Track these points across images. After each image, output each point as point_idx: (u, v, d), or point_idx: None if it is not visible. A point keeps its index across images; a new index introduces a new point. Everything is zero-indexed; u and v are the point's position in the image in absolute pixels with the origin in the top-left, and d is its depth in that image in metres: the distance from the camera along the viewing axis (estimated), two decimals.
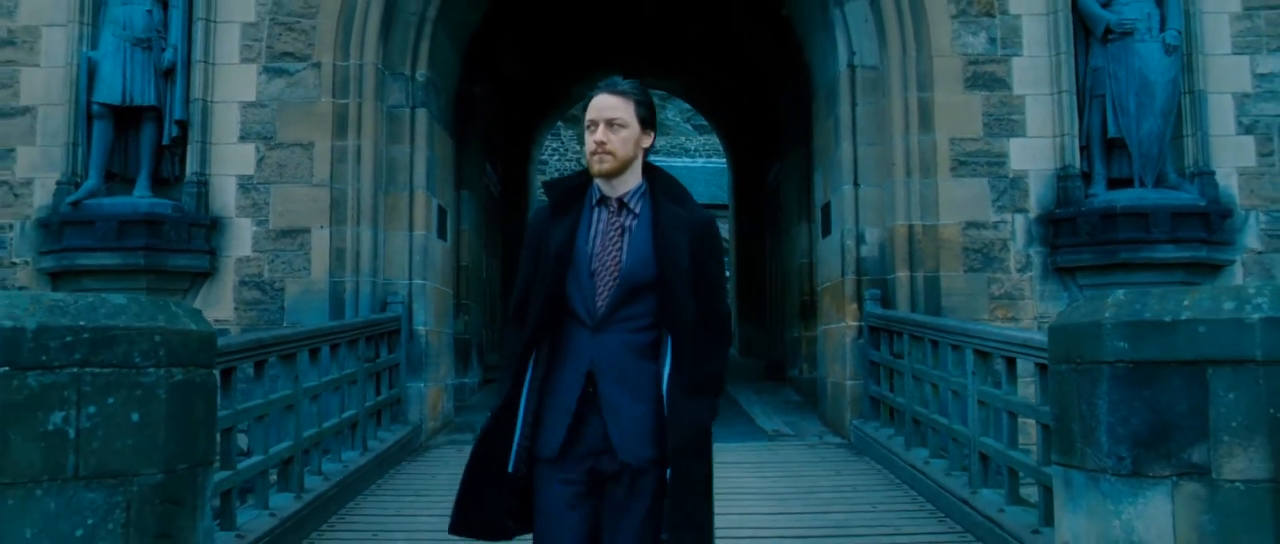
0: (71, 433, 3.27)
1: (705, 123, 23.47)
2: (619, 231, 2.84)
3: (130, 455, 3.38)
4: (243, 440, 5.51)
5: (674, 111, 29.16)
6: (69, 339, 3.28)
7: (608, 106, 2.82)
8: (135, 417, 3.39)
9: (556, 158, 26.78)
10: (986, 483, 5.48)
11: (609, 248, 2.82)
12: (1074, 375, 3.70)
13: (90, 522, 3.28)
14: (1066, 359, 3.78)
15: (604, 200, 2.87)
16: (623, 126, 2.81)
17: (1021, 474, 5.11)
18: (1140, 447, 3.40)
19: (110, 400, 3.35)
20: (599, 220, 2.86)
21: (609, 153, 2.79)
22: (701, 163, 28.36)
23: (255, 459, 5.15)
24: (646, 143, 2.91)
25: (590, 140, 2.82)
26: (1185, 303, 3.37)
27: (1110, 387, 3.49)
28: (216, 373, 4.02)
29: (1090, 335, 3.59)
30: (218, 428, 4.39)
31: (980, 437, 5.53)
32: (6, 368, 3.17)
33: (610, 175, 2.83)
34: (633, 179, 2.88)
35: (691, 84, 16.53)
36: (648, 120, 2.90)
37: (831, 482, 6.67)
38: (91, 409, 3.31)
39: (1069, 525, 3.78)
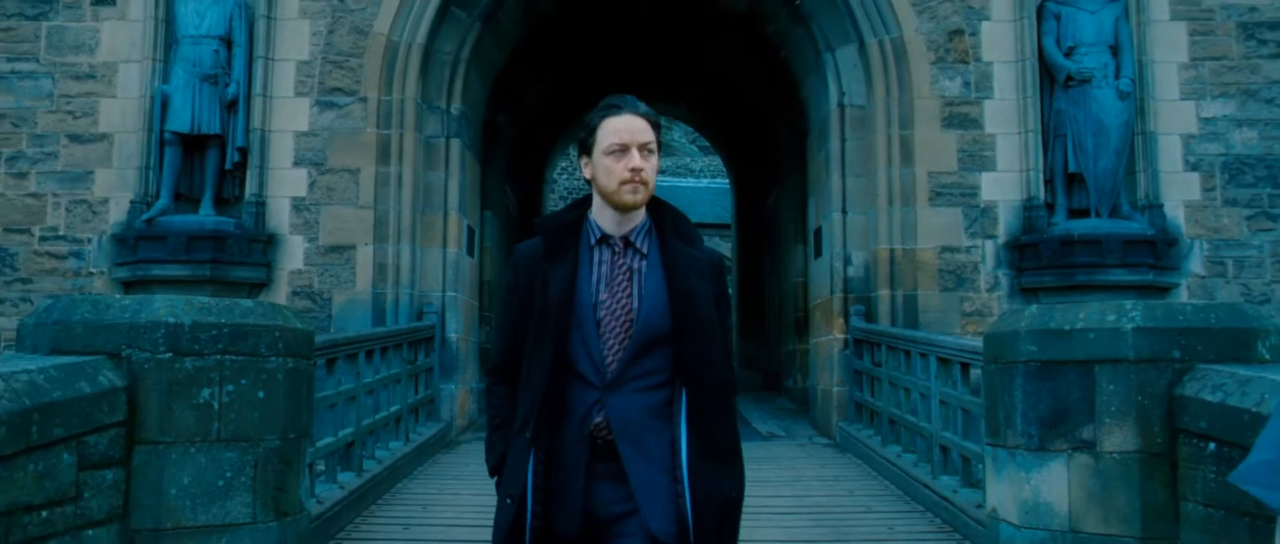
0: (216, 405, 4.23)
1: (708, 144, 24.41)
2: (626, 275, 2.50)
3: (257, 424, 4.34)
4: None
5: (679, 133, 30.20)
6: (214, 333, 4.24)
7: (640, 130, 2.48)
8: (261, 394, 4.35)
9: (565, 177, 27.77)
10: (945, 470, 6.41)
11: (618, 295, 2.48)
12: (999, 372, 4.66)
13: (228, 474, 4.23)
14: (994, 359, 4.74)
15: (606, 240, 2.52)
16: (651, 153, 2.49)
17: (973, 460, 6.05)
18: (1045, 427, 4.36)
19: (243, 381, 4.31)
20: (602, 262, 2.52)
21: (644, 183, 2.46)
22: (706, 183, 29.38)
23: (326, 440, 6.09)
24: None
25: (620, 167, 2.45)
26: (1079, 315, 4.33)
27: (1023, 380, 4.45)
28: (314, 363, 4.99)
29: (1010, 341, 4.55)
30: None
31: (941, 431, 6.48)
32: (170, 354, 4.14)
33: (641, 207, 2.51)
34: (639, 215, 2.54)
35: (697, 111, 17.54)
36: (660, 146, 2.59)
37: (816, 473, 7.60)
38: (230, 387, 4.27)
39: (995, 493, 4.73)
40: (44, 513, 3.52)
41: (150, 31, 9.05)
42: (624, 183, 2.44)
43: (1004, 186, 8.98)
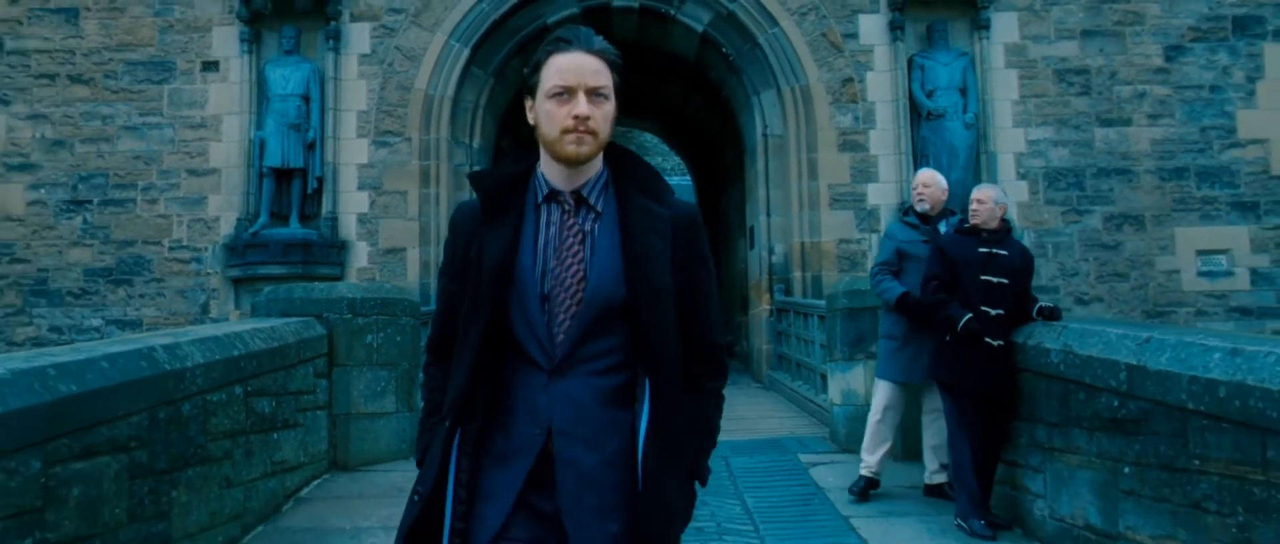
0: (374, 344, 7.33)
1: None
2: (578, 238, 2.12)
3: (396, 355, 7.44)
4: None
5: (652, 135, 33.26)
6: (372, 303, 7.36)
7: (589, 70, 2.08)
8: (398, 338, 7.46)
9: None
10: (823, 391, 9.59)
11: (567, 260, 2.10)
12: (831, 317, 7.85)
13: (381, 384, 7.34)
14: (831, 310, 7.93)
15: (554, 196, 2.15)
16: (605, 99, 2.11)
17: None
18: (852, 346, 7.55)
19: (388, 330, 7.41)
20: (550, 223, 2.14)
21: (591, 133, 2.07)
22: (675, 181, 32.40)
23: None
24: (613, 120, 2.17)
25: (563, 113, 2.07)
26: (857, 285, 7.51)
27: (842, 320, 7.63)
28: (422, 322, 8.10)
29: (836, 298, 7.75)
30: None
31: (820, 365, 9.67)
32: (351, 315, 7.24)
33: (587, 161, 2.11)
34: (593, 166, 2.15)
35: (663, 130, 20.73)
36: (620, 91, 2.16)
37: (745, 402, 10.76)
38: (382, 334, 7.37)
39: (831, 390, 7.94)
40: (304, 398, 6.63)
41: (247, 92, 12.11)
42: (566, 132, 2.07)
43: (884, 194, 12.15)
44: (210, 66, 12.22)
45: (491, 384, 2.13)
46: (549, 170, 2.16)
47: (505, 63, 12.76)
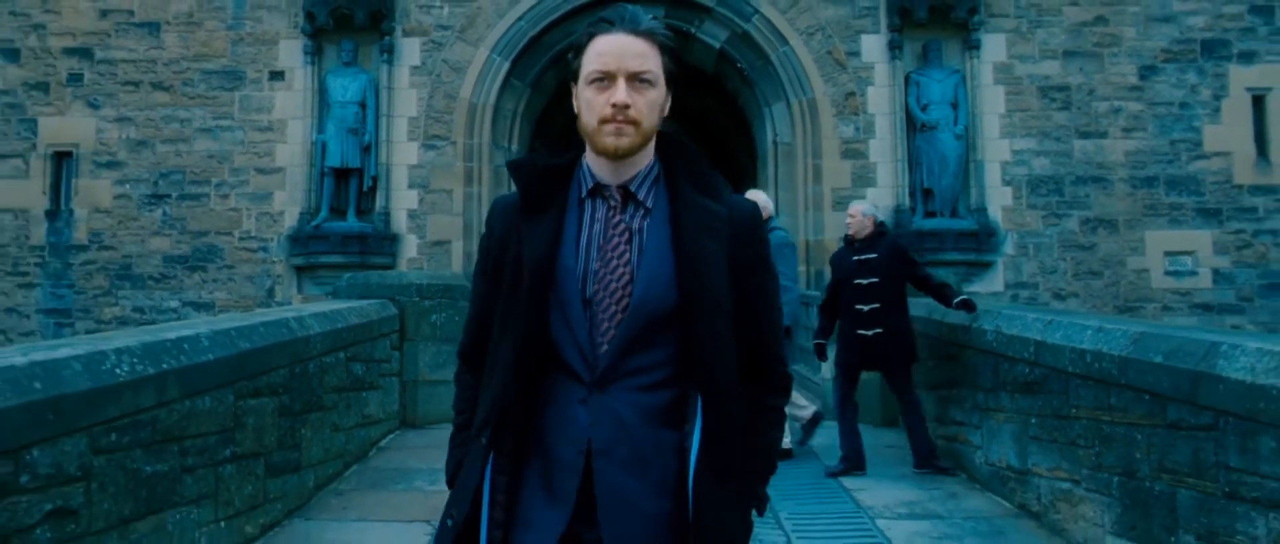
0: (438, 323, 8.71)
1: None
2: (624, 237, 1.95)
3: (455, 332, 8.75)
4: None
5: None
6: (437, 287, 8.74)
7: (632, 53, 1.91)
8: (457, 319, 8.83)
9: None
10: (819, 371, 10.91)
11: (613, 262, 1.93)
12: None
13: (444, 357, 8.71)
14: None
15: (599, 190, 1.98)
16: (650, 85, 1.93)
17: None
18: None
19: (449, 311, 8.79)
20: (594, 220, 1.97)
21: (632, 122, 1.90)
22: None
23: None
24: (667, 108, 2.02)
25: (601, 101, 1.91)
26: None
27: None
28: None
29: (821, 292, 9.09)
30: None
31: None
32: (418, 298, 8.62)
33: (629, 155, 1.94)
34: (643, 158, 1.98)
35: (681, 131, 22.04)
36: (674, 77, 2.02)
37: None
38: (444, 314, 8.75)
39: (824, 367, 9.26)
40: (383, 366, 8.02)
41: (309, 99, 13.51)
42: (604, 121, 1.90)
43: (882, 197, 13.43)
44: (277, 76, 13.62)
45: (528, 397, 1.94)
46: (593, 162, 2.00)
47: (541, 75, 14.10)
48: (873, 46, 13.58)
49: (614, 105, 1.90)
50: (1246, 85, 13.30)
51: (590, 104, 1.95)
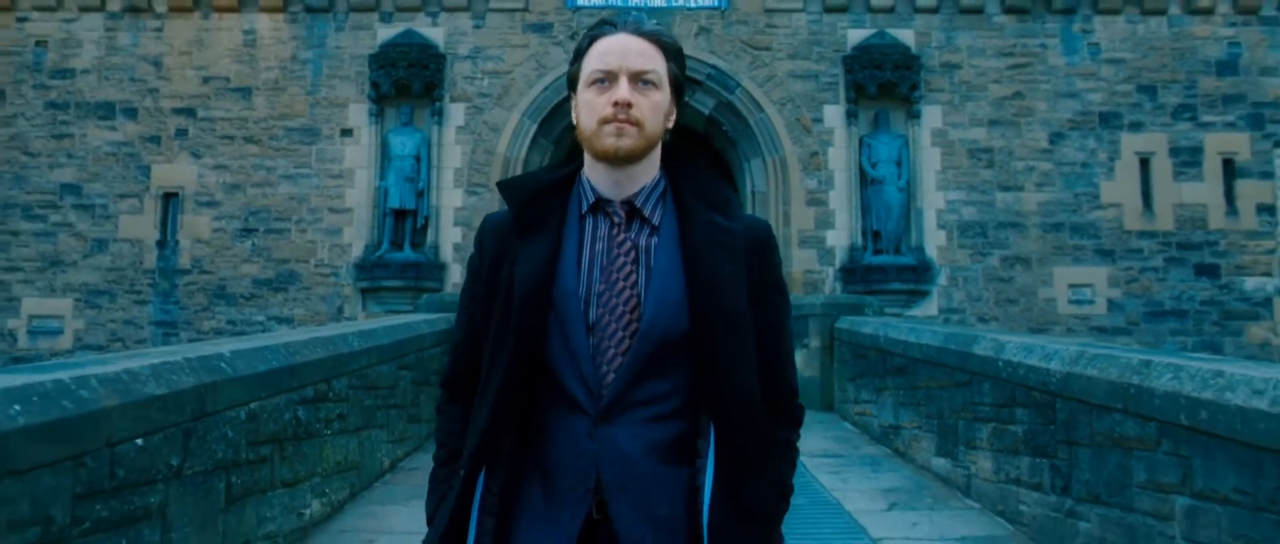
0: None
1: None
2: (630, 256, 1.84)
3: None
4: None
5: None
6: None
7: (634, 51, 1.84)
8: None
9: None
10: None
11: (618, 283, 1.82)
12: (809, 318, 12.26)
13: None
14: (811, 314, 12.33)
15: (601, 206, 1.88)
16: (654, 87, 1.85)
17: None
18: (794, 339, 11.92)
19: None
20: (597, 239, 1.87)
21: (634, 124, 1.82)
22: None
23: None
24: (673, 120, 1.97)
25: (602, 102, 1.82)
26: (808, 299, 11.89)
27: (816, 320, 12.01)
28: None
29: (812, 306, 12.16)
30: None
31: None
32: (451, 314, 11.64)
33: (630, 159, 1.85)
34: (648, 172, 1.89)
35: None
36: (680, 83, 1.96)
37: None
38: None
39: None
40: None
41: (373, 152, 16.58)
42: (604, 121, 1.81)
43: (839, 238, 16.49)
44: (347, 133, 16.69)
45: (521, 428, 1.81)
46: (594, 175, 1.87)
47: (562, 134, 17.18)
48: (833, 115, 16.68)
49: (615, 104, 1.79)
50: (1135, 150, 16.41)
51: (590, 105, 1.84)
